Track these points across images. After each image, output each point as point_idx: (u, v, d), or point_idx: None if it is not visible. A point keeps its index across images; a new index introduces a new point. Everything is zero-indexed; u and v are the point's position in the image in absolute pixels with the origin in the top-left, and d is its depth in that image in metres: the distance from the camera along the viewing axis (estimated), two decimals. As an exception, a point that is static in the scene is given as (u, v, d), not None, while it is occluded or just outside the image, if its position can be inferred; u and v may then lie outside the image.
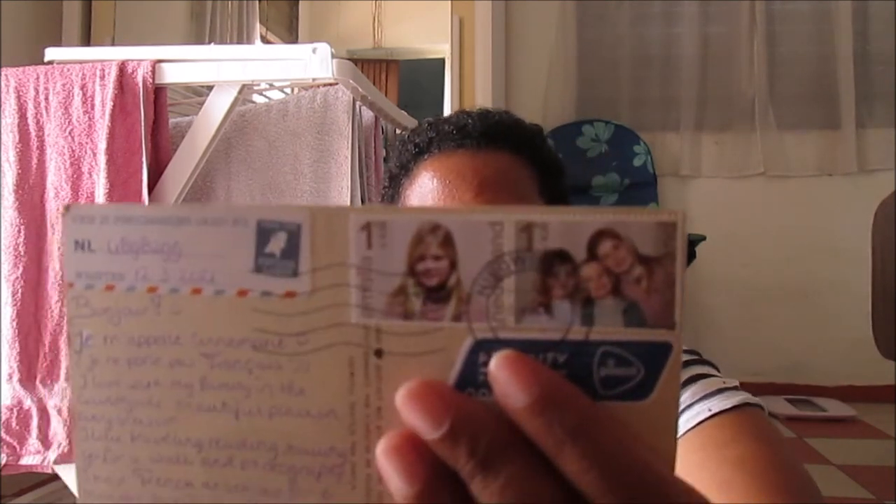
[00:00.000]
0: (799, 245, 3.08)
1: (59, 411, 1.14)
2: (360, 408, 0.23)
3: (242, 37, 2.92)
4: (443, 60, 2.90)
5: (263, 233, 0.23)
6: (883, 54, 3.05)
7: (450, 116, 0.65)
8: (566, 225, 0.22)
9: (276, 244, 0.23)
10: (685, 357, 0.61)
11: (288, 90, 1.56)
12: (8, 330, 1.13)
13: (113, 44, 2.50)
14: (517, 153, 0.62)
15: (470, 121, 0.63)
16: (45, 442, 1.14)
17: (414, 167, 0.64)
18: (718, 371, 0.61)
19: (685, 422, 0.53)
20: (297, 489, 0.24)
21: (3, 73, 1.18)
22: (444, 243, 0.22)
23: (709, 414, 0.53)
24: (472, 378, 0.23)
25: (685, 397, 0.56)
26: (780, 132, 3.11)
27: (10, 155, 1.17)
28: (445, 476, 0.21)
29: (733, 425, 0.51)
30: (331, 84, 1.19)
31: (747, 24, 3.13)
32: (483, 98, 2.77)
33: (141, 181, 1.13)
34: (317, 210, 0.23)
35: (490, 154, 0.61)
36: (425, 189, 0.61)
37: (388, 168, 0.69)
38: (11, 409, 1.14)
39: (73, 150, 1.15)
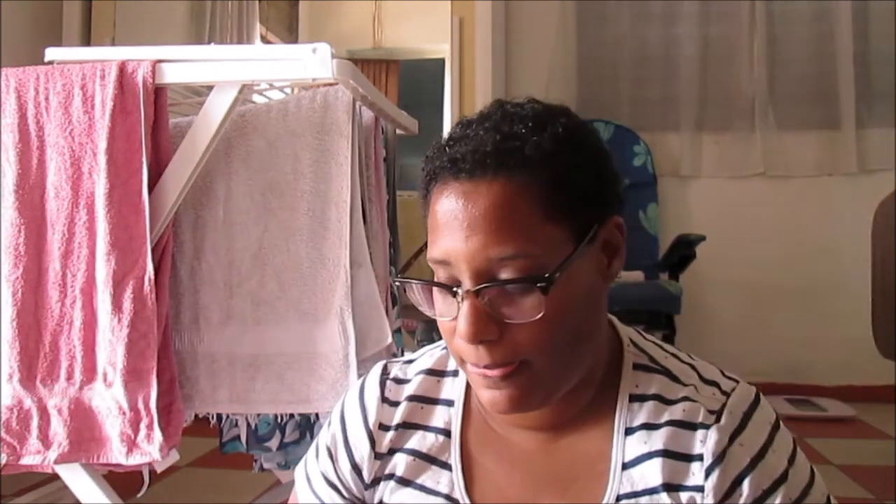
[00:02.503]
0: (799, 245, 3.08)
1: (59, 411, 1.14)
2: None
3: (242, 37, 2.92)
4: (443, 60, 2.90)
5: None
6: (883, 54, 3.05)
7: (459, 137, 0.61)
8: None
9: None
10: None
11: (288, 90, 1.56)
12: (8, 330, 1.13)
13: (113, 44, 2.50)
14: (511, 179, 0.57)
15: (464, 151, 0.59)
16: (46, 442, 1.14)
17: (428, 194, 0.62)
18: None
19: None
20: None
21: (3, 73, 1.18)
22: None
23: None
24: None
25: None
26: (780, 132, 3.11)
27: (10, 155, 1.17)
28: None
29: None
30: (331, 84, 1.19)
31: (747, 24, 3.13)
32: (483, 98, 2.77)
33: (141, 181, 1.13)
34: None
35: (480, 186, 0.57)
36: (434, 224, 0.60)
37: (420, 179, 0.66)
38: (11, 409, 1.14)
39: (73, 150, 1.15)
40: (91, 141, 1.14)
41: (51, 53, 1.23)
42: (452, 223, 0.57)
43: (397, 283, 0.63)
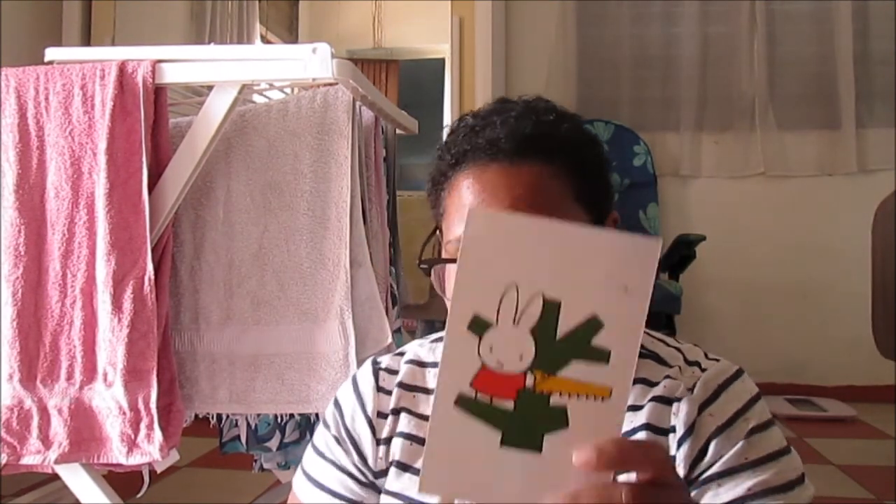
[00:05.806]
0: (799, 245, 3.08)
1: (60, 411, 1.14)
2: None
3: (242, 37, 2.92)
4: (443, 60, 2.90)
5: None
6: (883, 54, 3.04)
7: (485, 124, 0.64)
8: None
9: None
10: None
11: (288, 90, 1.56)
12: (8, 330, 1.13)
13: (113, 44, 2.50)
14: (550, 163, 0.62)
15: (503, 134, 0.62)
16: (46, 442, 1.14)
17: (452, 176, 0.65)
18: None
19: None
20: None
21: (3, 73, 1.18)
22: None
23: None
24: None
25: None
26: (780, 132, 3.11)
27: (10, 155, 1.17)
28: None
29: None
30: (331, 84, 1.19)
31: (747, 24, 3.13)
32: (483, 98, 2.77)
33: (141, 181, 1.13)
34: None
35: (522, 168, 0.61)
36: (463, 202, 0.63)
37: (430, 171, 0.69)
38: (12, 409, 1.14)
39: (73, 150, 1.15)
40: (91, 141, 1.14)
41: (51, 53, 1.23)
42: (492, 201, 0.60)
43: (423, 267, 0.66)
